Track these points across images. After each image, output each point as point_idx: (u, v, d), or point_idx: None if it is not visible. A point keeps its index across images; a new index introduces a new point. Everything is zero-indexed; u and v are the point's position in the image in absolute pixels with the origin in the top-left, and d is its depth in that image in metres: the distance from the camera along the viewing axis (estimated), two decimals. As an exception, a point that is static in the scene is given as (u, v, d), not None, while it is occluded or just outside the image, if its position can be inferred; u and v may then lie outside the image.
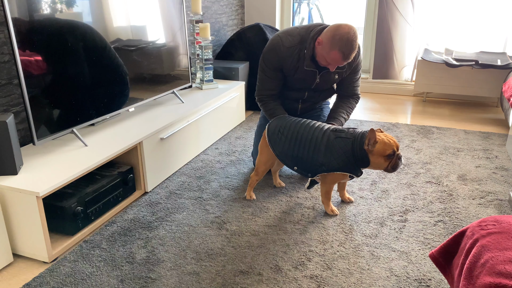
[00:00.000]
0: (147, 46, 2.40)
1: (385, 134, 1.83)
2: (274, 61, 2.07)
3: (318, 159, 1.87)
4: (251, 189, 2.13)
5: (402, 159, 1.84)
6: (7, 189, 1.61)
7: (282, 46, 2.04)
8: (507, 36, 3.58)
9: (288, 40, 2.04)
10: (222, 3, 3.81)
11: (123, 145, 2.00)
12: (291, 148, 1.92)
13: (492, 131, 3.04)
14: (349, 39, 1.87)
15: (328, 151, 1.84)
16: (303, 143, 1.90)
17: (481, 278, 0.97)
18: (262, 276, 1.59)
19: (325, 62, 1.97)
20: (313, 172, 1.91)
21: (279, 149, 1.96)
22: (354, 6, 6.58)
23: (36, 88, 1.76)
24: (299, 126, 1.94)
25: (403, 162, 1.83)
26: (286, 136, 1.94)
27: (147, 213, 2.02)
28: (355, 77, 2.19)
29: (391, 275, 1.58)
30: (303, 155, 1.90)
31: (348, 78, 2.18)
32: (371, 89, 4.11)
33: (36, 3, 1.72)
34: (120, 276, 1.59)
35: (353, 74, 2.18)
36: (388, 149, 1.77)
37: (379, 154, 1.78)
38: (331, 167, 1.85)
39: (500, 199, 2.09)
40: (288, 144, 1.93)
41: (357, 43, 1.92)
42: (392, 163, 1.80)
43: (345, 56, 1.90)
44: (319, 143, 1.87)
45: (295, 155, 1.92)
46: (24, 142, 2.05)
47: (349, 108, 2.22)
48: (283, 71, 2.11)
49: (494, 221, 1.13)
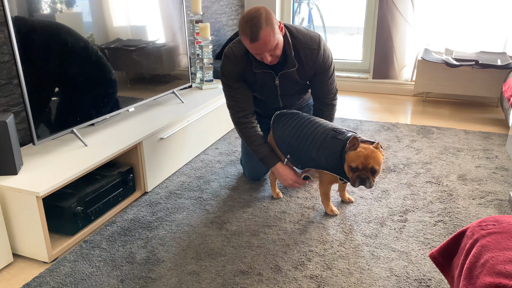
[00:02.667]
0: (147, 46, 2.40)
1: (371, 150, 1.72)
2: (233, 72, 1.96)
3: (311, 154, 1.88)
4: (275, 187, 2.15)
5: (368, 183, 1.71)
6: (7, 189, 1.61)
7: (233, 56, 1.94)
8: (507, 36, 3.58)
9: (238, 48, 1.94)
10: (222, 3, 3.81)
11: (123, 145, 1.99)
12: (290, 136, 1.94)
13: (492, 131, 3.04)
14: (248, 18, 1.70)
15: (322, 148, 1.85)
16: (303, 135, 1.91)
17: (481, 278, 0.97)
18: (262, 276, 1.59)
19: (258, 57, 1.83)
20: (303, 165, 1.93)
21: (278, 133, 1.98)
22: (354, 6, 6.58)
23: (36, 88, 1.76)
24: (305, 120, 1.97)
25: (369, 186, 1.72)
26: (290, 125, 1.96)
27: (147, 213, 2.02)
28: (325, 77, 2.00)
29: (391, 275, 1.58)
30: (299, 145, 1.91)
31: (318, 79, 2.00)
32: (371, 89, 4.11)
33: (36, 3, 1.72)
34: (120, 276, 1.59)
35: (321, 75, 1.99)
36: (353, 162, 1.73)
37: (347, 162, 1.76)
38: (319, 165, 1.87)
39: (500, 199, 2.09)
40: (289, 131, 1.95)
41: (264, 21, 1.71)
42: (353, 177, 1.75)
43: (251, 38, 1.72)
44: (317, 139, 1.87)
45: (292, 144, 1.93)
46: (24, 142, 2.05)
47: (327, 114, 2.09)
48: (246, 82, 2.01)
49: (494, 221, 1.13)
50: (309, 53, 1.91)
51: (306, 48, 1.91)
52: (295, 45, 1.91)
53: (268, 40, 1.73)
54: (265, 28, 1.71)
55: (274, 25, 1.76)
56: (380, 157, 1.73)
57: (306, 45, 1.91)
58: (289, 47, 1.89)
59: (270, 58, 1.82)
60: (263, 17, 1.71)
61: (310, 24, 5.49)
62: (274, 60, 1.87)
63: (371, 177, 1.72)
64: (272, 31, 1.74)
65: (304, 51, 1.91)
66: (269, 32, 1.73)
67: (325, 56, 1.95)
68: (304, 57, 1.92)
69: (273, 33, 1.75)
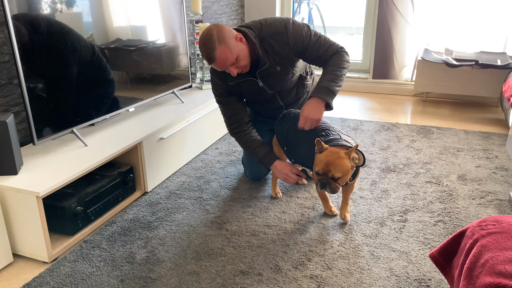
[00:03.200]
0: (147, 46, 2.40)
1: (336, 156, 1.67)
2: (219, 87, 2.01)
3: (301, 151, 1.92)
4: (275, 186, 2.16)
5: (329, 188, 1.68)
6: (7, 189, 1.61)
7: (215, 73, 2.00)
8: (507, 36, 3.58)
9: None
10: (222, 3, 3.81)
11: (123, 145, 2.00)
12: (290, 132, 1.97)
13: (492, 131, 3.04)
14: (202, 41, 1.76)
15: (310, 147, 1.87)
16: (301, 133, 1.93)
17: (481, 278, 0.97)
18: (262, 276, 1.59)
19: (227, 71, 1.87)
20: (295, 161, 1.99)
21: (279, 127, 2.03)
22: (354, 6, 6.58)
23: (36, 88, 1.76)
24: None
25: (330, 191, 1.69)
26: (292, 120, 1.99)
27: (147, 213, 2.02)
28: (312, 48, 1.89)
29: (391, 275, 1.58)
30: (295, 141, 1.94)
31: (307, 54, 1.91)
32: (371, 89, 4.11)
33: (36, 3, 1.72)
34: (120, 276, 1.59)
35: (307, 49, 1.90)
36: (316, 166, 1.72)
37: (313, 164, 1.76)
38: (305, 163, 1.91)
39: (500, 199, 2.09)
40: (289, 126, 1.99)
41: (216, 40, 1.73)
42: (316, 180, 1.75)
43: (208, 60, 1.78)
44: (310, 139, 1.89)
45: (289, 139, 1.98)
46: (24, 142, 2.05)
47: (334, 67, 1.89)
48: (236, 94, 2.03)
49: (494, 221, 1.13)
50: (279, 39, 1.88)
51: (275, 36, 1.88)
52: (263, 40, 1.88)
53: (225, 58, 1.76)
54: (218, 47, 1.74)
55: (228, 40, 1.77)
56: (345, 164, 1.66)
57: (274, 33, 1.88)
58: (256, 47, 1.87)
59: (236, 70, 1.84)
60: (214, 37, 1.74)
61: (310, 24, 5.50)
62: (245, 69, 1.88)
63: (332, 183, 1.68)
64: (226, 47, 1.76)
65: (274, 40, 1.88)
66: (223, 49, 1.75)
67: (296, 32, 1.87)
68: (277, 46, 1.89)
69: (229, 48, 1.76)
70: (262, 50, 1.89)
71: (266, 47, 1.89)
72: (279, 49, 1.89)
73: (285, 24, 1.88)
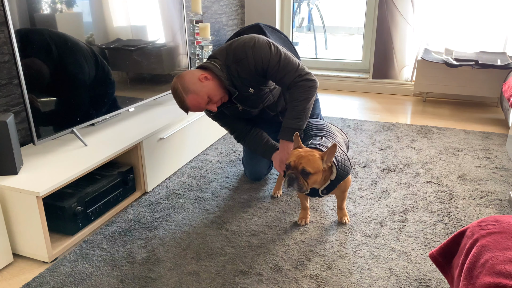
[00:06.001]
0: (147, 46, 2.40)
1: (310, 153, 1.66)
2: (210, 115, 2.11)
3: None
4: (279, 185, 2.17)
5: (297, 184, 1.65)
6: (7, 189, 1.62)
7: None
8: (507, 36, 3.58)
9: None
10: (222, 3, 3.81)
11: (123, 145, 2.00)
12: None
13: (492, 131, 3.04)
14: (173, 95, 1.91)
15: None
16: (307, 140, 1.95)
17: (481, 278, 0.97)
18: (262, 276, 1.59)
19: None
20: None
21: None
22: (354, 6, 6.58)
23: (36, 88, 1.76)
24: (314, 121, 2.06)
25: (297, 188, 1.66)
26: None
27: (147, 213, 2.02)
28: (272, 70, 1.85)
29: (391, 275, 1.58)
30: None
31: (268, 77, 1.89)
32: (371, 89, 4.12)
33: (36, 3, 1.72)
34: (120, 276, 1.59)
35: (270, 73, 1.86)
36: (288, 158, 1.71)
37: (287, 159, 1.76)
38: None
39: (500, 199, 2.09)
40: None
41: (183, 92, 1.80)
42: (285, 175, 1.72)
43: (184, 110, 1.86)
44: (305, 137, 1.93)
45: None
46: (24, 142, 2.05)
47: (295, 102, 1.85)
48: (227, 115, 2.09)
49: (494, 221, 1.13)
50: (241, 65, 1.84)
51: (238, 62, 1.85)
52: (230, 68, 1.86)
53: (197, 104, 1.83)
54: (187, 98, 1.81)
55: (193, 86, 1.80)
56: (317, 161, 1.65)
57: (236, 60, 1.84)
58: (225, 78, 1.85)
59: (215, 105, 1.89)
60: (179, 90, 1.81)
61: (310, 24, 5.50)
62: (224, 99, 1.92)
63: (300, 178, 1.65)
64: (194, 94, 1.80)
65: (239, 66, 1.85)
66: (192, 97, 1.81)
67: (256, 56, 1.82)
68: (242, 71, 1.85)
69: (196, 94, 1.80)
70: (230, 79, 1.87)
71: (233, 74, 1.87)
72: (244, 74, 1.86)
73: (245, 50, 1.83)
